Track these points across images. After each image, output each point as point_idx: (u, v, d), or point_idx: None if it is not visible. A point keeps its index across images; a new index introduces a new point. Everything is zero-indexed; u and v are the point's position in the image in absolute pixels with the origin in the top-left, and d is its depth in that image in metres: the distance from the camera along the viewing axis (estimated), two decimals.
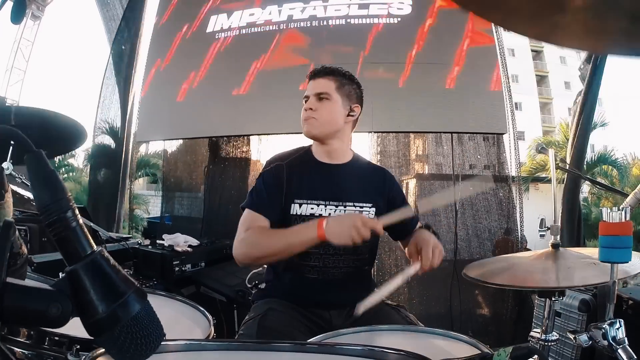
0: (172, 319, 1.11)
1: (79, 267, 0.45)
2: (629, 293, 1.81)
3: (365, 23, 3.89)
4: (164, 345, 0.68)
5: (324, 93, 1.42)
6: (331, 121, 1.42)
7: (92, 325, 0.44)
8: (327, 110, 1.41)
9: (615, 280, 0.87)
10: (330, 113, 1.41)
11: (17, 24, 1.18)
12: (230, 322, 2.24)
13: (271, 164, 1.42)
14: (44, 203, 0.45)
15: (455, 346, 1.03)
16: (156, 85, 4.33)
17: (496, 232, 3.57)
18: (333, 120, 1.42)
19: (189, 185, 4.49)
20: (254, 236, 1.30)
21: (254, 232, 1.31)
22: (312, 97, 1.42)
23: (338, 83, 1.44)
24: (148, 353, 0.46)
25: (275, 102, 3.78)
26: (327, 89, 1.42)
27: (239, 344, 0.78)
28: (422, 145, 4.00)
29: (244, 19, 4.14)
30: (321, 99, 1.41)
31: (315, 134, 1.42)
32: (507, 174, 3.64)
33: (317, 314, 1.34)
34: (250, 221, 1.34)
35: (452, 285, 3.29)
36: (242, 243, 1.30)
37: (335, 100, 1.42)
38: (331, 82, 1.43)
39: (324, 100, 1.41)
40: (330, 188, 1.39)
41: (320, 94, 1.41)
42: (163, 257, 2.41)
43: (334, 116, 1.42)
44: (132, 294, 0.46)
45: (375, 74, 3.66)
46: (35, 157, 0.47)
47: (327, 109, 1.41)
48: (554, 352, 1.86)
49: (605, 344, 0.90)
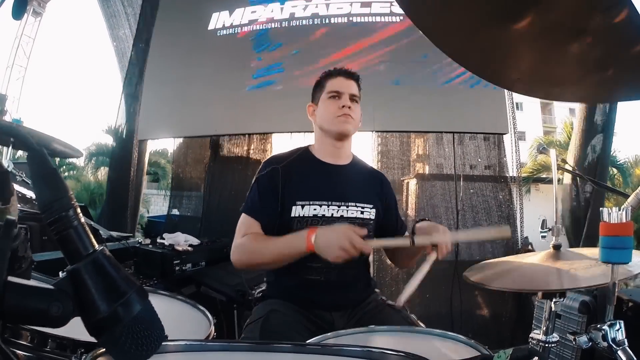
0: (173, 319, 1.11)
1: (81, 266, 0.45)
2: (629, 295, 1.81)
3: (367, 21, 3.89)
4: (164, 345, 0.68)
5: (356, 96, 1.48)
6: (358, 123, 1.50)
7: (93, 325, 0.44)
8: (358, 113, 1.49)
9: (615, 282, 0.87)
10: (359, 115, 1.49)
11: (18, 20, 1.17)
12: (230, 321, 2.24)
13: (267, 167, 1.42)
14: (46, 202, 0.45)
15: (455, 347, 1.03)
16: (158, 84, 4.34)
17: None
18: (358, 123, 1.50)
19: (190, 184, 4.48)
20: (248, 244, 1.32)
21: (249, 239, 1.32)
22: (347, 95, 1.45)
23: (360, 89, 1.51)
24: (149, 353, 0.46)
25: (278, 100, 3.78)
26: (357, 92, 1.49)
27: (239, 344, 0.78)
28: (423, 145, 4.00)
29: (246, 17, 4.14)
30: (353, 100, 1.46)
31: (351, 132, 1.47)
32: (508, 174, 3.63)
33: (318, 315, 1.34)
34: (245, 226, 1.36)
35: (453, 286, 3.29)
36: (237, 250, 1.33)
37: (359, 105, 1.50)
38: (357, 87, 1.50)
39: (355, 103, 1.47)
40: (333, 188, 1.40)
41: (353, 95, 1.47)
42: (163, 256, 2.41)
43: (359, 119, 1.50)
44: (134, 293, 0.46)
45: (376, 73, 3.66)
46: (36, 156, 0.47)
47: (358, 111, 1.49)
48: (554, 354, 1.86)
49: (605, 345, 0.90)
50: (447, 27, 0.77)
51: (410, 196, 3.77)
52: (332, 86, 1.47)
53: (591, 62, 0.70)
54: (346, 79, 1.48)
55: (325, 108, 1.46)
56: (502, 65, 0.83)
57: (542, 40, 0.70)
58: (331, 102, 1.45)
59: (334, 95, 1.45)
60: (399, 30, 3.78)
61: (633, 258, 0.87)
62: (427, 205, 3.65)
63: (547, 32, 0.67)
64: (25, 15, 8.93)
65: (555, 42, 0.70)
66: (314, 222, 1.35)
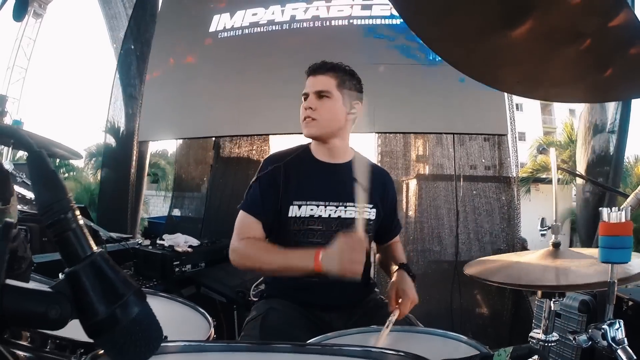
0: (173, 321, 1.11)
1: (79, 268, 0.45)
2: (628, 294, 1.80)
3: (367, 24, 3.89)
4: (163, 346, 0.68)
5: (325, 91, 1.35)
6: (332, 120, 1.36)
7: (91, 327, 0.44)
8: (328, 109, 1.35)
9: (614, 281, 0.87)
10: (331, 112, 1.36)
11: (19, 21, 1.17)
12: (230, 322, 2.24)
13: (268, 165, 1.38)
14: (45, 203, 0.45)
15: (455, 347, 1.03)
16: (160, 85, 4.35)
17: (497, 233, 3.56)
18: (334, 120, 1.37)
19: (192, 185, 4.49)
20: (249, 249, 1.28)
21: (250, 244, 1.29)
22: (311, 95, 1.36)
23: (339, 80, 1.37)
24: (147, 355, 0.46)
25: (279, 102, 3.78)
26: (327, 87, 1.36)
27: (239, 345, 0.78)
28: (423, 146, 4.00)
29: (247, 19, 4.15)
30: (321, 97, 1.35)
31: (315, 134, 1.37)
32: (509, 175, 3.63)
33: (317, 315, 1.33)
34: (245, 225, 1.32)
35: (453, 286, 3.29)
36: (236, 253, 1.29)
37: (336, 99, 1.36)
38: (332, 79, 1.37)
39: (325, 99, 1.35)
40: (331, 188, 1.37)
41: (320, 92, 1.35)
42: (163, 257, 2.41)
43: (335, 115, 1.36)
44: (132, 295, 0.46)
45: (376, 75, 3.66)
46: (36, 157, 0.47)
47: (327, 107, 1.35)
48: (553, 353, 1.85)
49: (604, 344, 0.90)
50: (447, 36, 0.78)
51: (410, 196, 3.77)
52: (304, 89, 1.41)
53: (589, 63, 0.70)
54: (314, 76, 1.38)
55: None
56: (502, 70, 0.84)
57: (540, 44, 0.70)
58: (302, 105, 1.39)
59: (304, 98, 1.39)
60: (399, 32, 3.79)
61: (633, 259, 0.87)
62: (429, 206, 3.65)
63: (546, 36, 0.68)
64: (26, 17, 8.95)
65: (553, 46, 0.70)
66: (310, 223, 1.33)
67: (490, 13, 0.69)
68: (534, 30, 0.67)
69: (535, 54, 0.73)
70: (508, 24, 0.68)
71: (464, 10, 0.70)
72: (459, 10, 0.71)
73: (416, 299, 1.27)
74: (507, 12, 0.67)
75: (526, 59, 0.76)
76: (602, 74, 0.67)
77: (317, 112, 1.35)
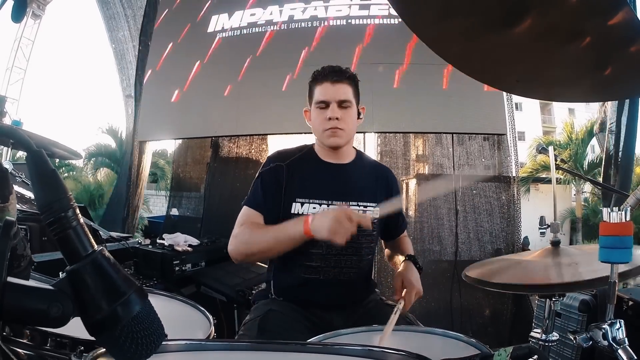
0: (173, 320, 1.11)
1: (80, 266, 0.45)
2: (629, 293, 1.81)
3: (365, 24, 3.89)
4: (164, 345, 0.68)
5: (347, 101, 1.34)
6: (353, 129, 1.38)
7: (92, 325, 0.44)
8: (351, 119, 1.35)
9: (615, 281, 0.87)
10: (353, 121, 1.36)
11: (18, 22, 1.17)
12: (230, 321, 2.24)
13: (270, 162, 1.39)
14: (45, 202, 0.45)
15: (455, 346, 1.03)
16: (157, 85, 4.35)
17: (497, 233, 3.56)
18: (354, 128, 1.38)
19: (190, 185, 4.49)
20: (245, 233, 1.29)
21: (246, 228, 1.30)
22: (334, 104, 1.33)
23: (354, 88, 1.37)
24: (149, 353, 0.46)
25: (277, 101, 3.79)
26: (348, 96, 1.34)
27: (240, 344, 0.78)
28: (423, 145, 4.01)
29: (245, 19, 4.15)
30: (344, 107, 1.33)
31: (342, 144, 1.36)
32: (509, 174, 3.63)
33: (317, 315, 1.33)
34: (247, 217, 1.33)
35: (453, 286, 3.29)
36: (235, 239, 1.30)
37: (354, 107, 1.36)
38: (349, 87, 1.36)
39: (347, 109, 1.34)
40: (334, 187, 1.37)
41: (343, 102, 1.33)
42: (163, 256, 2.41)
43: (354, 124, 1.38)
44: (133, 293, 0.46)
45: (375, 75, 3.66)
46: (35, 157, 0.47)
47: (350, 117, 1.35)
48: (554, 353, 1.86)
49: (605, 344, 0.90)
50: (446, 36, 0.78)
51: (410, 196, 3.77)
52: (319, 95, 1.35)
53: (589, 62, 0.70)
54: (333, 83, 1.33)
55: (315, 118, 1.37)
56: (502, 70, 0.84)
57: (540, 43, 0.70)
58: (319, 113, 1.35)
59: (321, 106, 1.35)
60: (397, 32, 3.78)
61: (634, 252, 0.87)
62: (429, 206, 3.65)
63: (546, 35, 0.68)
64: (24, 18, 8.94)
65: (553, 45, 0.70)
66: None
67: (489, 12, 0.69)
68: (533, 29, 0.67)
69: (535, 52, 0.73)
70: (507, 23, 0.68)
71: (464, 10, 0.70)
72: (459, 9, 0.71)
73: (421, 291, 1.27)
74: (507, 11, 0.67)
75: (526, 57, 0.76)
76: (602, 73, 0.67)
77: (342, 122, 1.33)
